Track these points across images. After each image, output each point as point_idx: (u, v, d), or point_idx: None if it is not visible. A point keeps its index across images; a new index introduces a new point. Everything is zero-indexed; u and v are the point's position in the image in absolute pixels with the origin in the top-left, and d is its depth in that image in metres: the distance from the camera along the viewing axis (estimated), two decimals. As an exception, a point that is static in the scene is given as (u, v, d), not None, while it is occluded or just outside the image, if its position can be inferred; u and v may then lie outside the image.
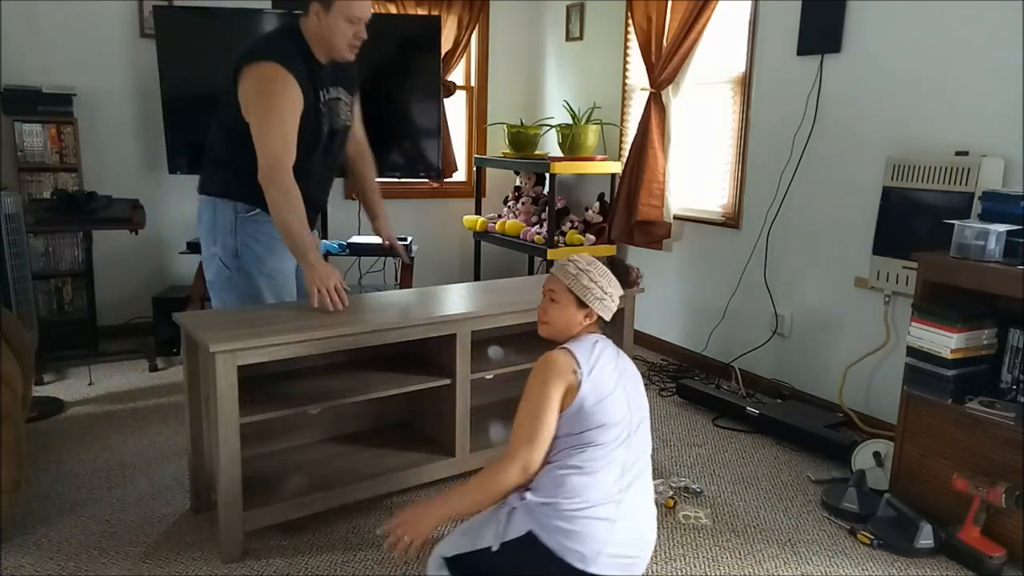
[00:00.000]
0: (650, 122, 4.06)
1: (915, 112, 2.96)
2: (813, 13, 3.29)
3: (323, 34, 2.36)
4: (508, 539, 1.74)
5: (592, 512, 1.75)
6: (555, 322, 1.93)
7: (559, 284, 1.92)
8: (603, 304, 1.91)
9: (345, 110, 2.53)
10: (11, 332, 2.47)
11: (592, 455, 1.80)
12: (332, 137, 2.50)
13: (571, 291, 1.91)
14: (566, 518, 1.74)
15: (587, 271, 1.92)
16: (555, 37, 5.05)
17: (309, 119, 2.35)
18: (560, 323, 1.93)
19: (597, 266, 1.94)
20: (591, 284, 1.90)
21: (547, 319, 1.94)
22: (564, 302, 1.92)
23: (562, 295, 1.92)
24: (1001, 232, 2.32)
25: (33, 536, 2.29)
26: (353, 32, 2.37)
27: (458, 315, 2.46)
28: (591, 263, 1.95)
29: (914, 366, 2.46)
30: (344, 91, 2.52)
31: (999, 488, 2.19)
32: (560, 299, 1.92)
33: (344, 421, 2.71)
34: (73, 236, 3.93)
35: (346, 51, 2.40)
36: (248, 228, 2.45)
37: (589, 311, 1.91)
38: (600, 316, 1.92)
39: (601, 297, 1.90)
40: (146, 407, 3.34)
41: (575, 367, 1.81)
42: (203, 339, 2.04)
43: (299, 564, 2.18)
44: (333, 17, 2.33)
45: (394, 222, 4.80)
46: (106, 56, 4.07)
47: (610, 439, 1.81)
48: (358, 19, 2.36)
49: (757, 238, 3.66)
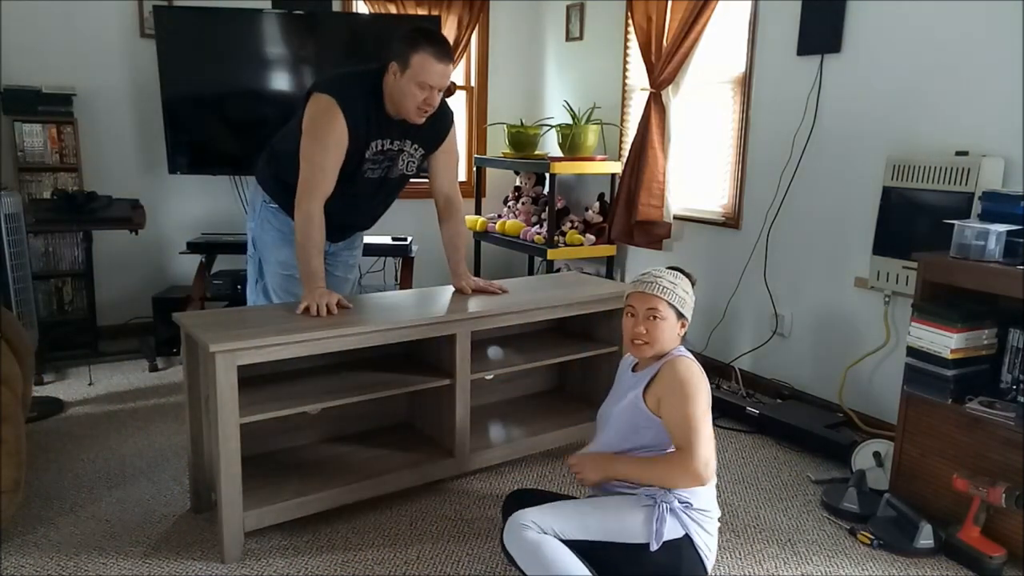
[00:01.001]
0: (650, 122, 4.06)
1: (915, 112, 2.96)
2: (813, 13, 3.29)
3: (394, 93, 2.37)
4: (666, 539, 1.83)
5: (716, 523, 1.94)
6: (663, 339, 1.95)
7: (659, 302, 1.94)
8: (690, 310, 1.99)
9: (407, 161, 2.57)
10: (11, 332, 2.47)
11: None
12: (382, 184, 2.57)
13: (672, 305, 1.95)
14: (710, 526, 1.91)
15: (676, 283, 1.97)
16: (555, 37, 5.05)
17: (351, 162, 2.41)
18: (667, 340, 1.96)
19: (681, 277, 2.00)
20: (684, 294, 1.97)
21: (653, 338, 1.95)
22: (670, 318, 1.95)
23: (666, 311, 1.95)
24: (1001, 232, 2.32)
25: (33, 536, 2.29)
26: (424, 98, 2.34)
27: (458, 315, 2.45)
28: (677, 276, 2.00)
29: (914, 366, 2.46)
30: (414, 144, 2.54)
31: (999, 488, 2.19)
32: (666, 315, 1.95)
33: (344, 421, 2.71)
34: (73, 236, 3.93)
35: (414, 114, 2.39)
36: (267, 215, 2.62)
37: (684, 320, 1.98)
38: None
39: (690, 306, 1.99)
40: (146, 407, 3.34)
41: None
42: (203, 339, 2.04)
43: (299, 564, 2.18)
44: (406, 80, 2.32)
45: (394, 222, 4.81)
46: (106, 56, 4.07)
47: None
48: (430, 87, 2.33)
49: (757, 238, 3.66)
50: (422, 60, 2.29)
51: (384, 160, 2.51)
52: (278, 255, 2.61)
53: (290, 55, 4.16)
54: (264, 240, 2.64)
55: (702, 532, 1.89)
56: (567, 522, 1.86)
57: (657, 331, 1.94)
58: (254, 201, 2.68)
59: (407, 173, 2.62)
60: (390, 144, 2.48)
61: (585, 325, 3.01)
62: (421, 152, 2.59)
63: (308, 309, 2.30)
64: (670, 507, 1.85)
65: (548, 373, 3.20)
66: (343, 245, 2.81)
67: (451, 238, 2.74)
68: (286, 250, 2.56)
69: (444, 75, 2.34)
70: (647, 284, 1.95)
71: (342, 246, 2.80)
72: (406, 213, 4.96)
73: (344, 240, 2.79)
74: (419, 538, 2.33)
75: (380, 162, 2.50)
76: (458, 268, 2.75)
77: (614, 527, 1.85)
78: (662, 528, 1.82)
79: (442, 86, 2.36)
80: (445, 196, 2.71)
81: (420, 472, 2.51)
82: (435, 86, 2.33)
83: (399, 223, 4.87)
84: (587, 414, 2.94)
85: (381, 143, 2.46)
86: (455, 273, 2.75)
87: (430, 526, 2.41)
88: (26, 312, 3.17)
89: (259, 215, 2.64)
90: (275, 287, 2.64)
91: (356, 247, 2.89)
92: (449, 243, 2.75)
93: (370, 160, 2.47)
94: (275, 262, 2.62)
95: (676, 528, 1.85)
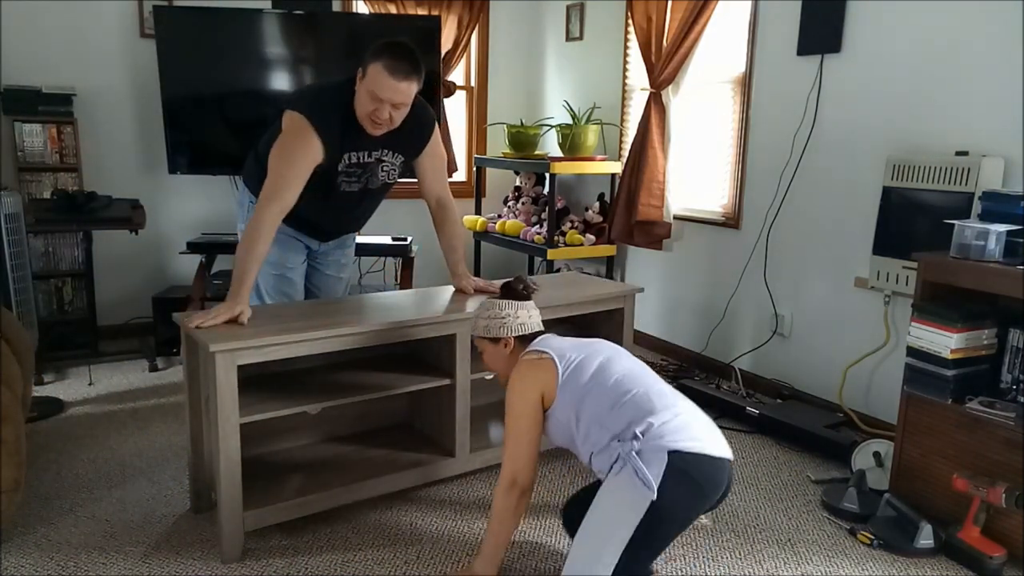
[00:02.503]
0: (650, 122, 4.06)
1: (915, 112, 2.96)
2: (813, 13, 3.29)
3: (356, 101, 2.33)
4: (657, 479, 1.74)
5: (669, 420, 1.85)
6: (495, 367, 2.15)
7: (474, 340, 2.16)
8: (507, 326, 2.07)
9: (389, 170, 2.56)
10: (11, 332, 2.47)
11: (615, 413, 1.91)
12: (364, 194, 2.58)
13: (481, 338, 2.11)
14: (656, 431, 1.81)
15: (480, 315, 2.12)
16: (555, 37, 5.06)
17: (325, 176, 2.41)
18: (499, 365, 2.14)
19: (484, 304, 2.13)
20: (488, 323, 2.08)
21: (492, 371, 2.17)
22: (486, 348, 2.12)
23: (481, 344, 2.13)
24: (1001, 232, 2.32)
25: (33, 536, 2.29)
26: (374, 109, 2.28)
27: (458, 315, 2.46)
28: (481, 305, 2.14)
29: (914, 366, 2.46)
30: (393, 153, 2.51)
31: (999, 488, 2.19)
32: (483, 347, 2.13)
33: (344, 421, 2.71)
34: (73, 236, 3.93)
35: (368, 125, 2.33)
36: None
37: (504, 339, 2.08)
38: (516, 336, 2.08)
39: (501, 324, 2.07)
40: (146, 407, 3.34)
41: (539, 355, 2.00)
42: (203, 339, 2.04)
43: (299, 564, 2.18)
44: (362, 87, 2.29)
45: (394, 222, 4.84)
46: (106, 56, 4.07)
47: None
48: (380, 100, 2.26)
49: (757, 238, 3.66)
50: (375, 71, 2.23)
51: (361, 172, 2.48)
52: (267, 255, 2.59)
53: (290, 55, 4.16)
54: None
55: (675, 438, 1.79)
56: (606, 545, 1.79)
57: (489, 366, 2.15)
58: (242, 202, 2.69)
59: (389, 181, 2.61)
60: (367, 157, 2.45)
61: (585, 325, 3.01)
62: (402, 159, 2.56)
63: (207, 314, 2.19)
64: (635, 452, 1.78)
65: (548, 373, 3.20)
66: (333, 245, 2.80)
67: (448, 239, 2.73)
68: (275, 250, 2.53)
69: (396, 91, 2.26)
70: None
71: (332, 246, 2.80)
72: (406, 213, 4.98)
73: (333, 240, 2.79)
74: (419, 538, 2.34)
75: (356, 175, 2.48)
76: (457, 268, 2.74)
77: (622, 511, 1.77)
78: (647, 475, 1.74)
79: (393, 101, 2.27)
80: (437, 198, 2.70)
81: (420, 472, 2.51)
82: (386, 100, 2.26)
83: (399, 223, 4.88)
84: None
85: (356, 155, 2.42)
86: (455, 273, 2.75)
87: (430, 526, 2.41)
88: (26, 312, 3.17)
89: (246, 215, 2.63)
90: (267, 288, 2.64)
91: (348, 247, 2.88)
92: (447, 245, 2.74)
93: (344, 173, 2.44)
94: (265, 263, 2.56)
95: (658, 457, 1.76)
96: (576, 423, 1.93)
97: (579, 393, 1.93)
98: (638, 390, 1.90)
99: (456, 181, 5.21)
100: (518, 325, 2.07)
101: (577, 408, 1.92)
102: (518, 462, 1.94)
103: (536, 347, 2.03)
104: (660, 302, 4.32)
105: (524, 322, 2.08)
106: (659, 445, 1.78)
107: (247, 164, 2.69)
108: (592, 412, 1.90)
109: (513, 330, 2.07)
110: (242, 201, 2.70)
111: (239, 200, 2.74)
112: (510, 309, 2.08)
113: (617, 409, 1.87)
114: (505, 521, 1.96)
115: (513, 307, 2.08)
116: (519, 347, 2.08)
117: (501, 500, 1.95)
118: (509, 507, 1.95)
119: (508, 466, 1.95)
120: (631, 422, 1.84)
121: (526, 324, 2.08)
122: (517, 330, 2.07)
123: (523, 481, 1.94)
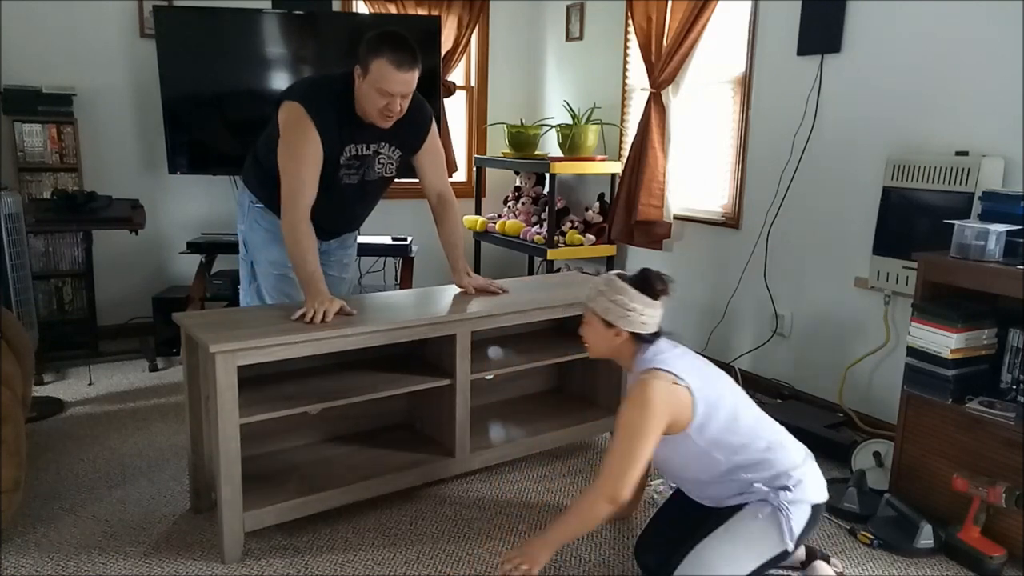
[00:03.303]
0: (650, 122, 4.06)
1: (915, 112, 2.96)
2: (813, 13, 3.29)
3: (359, 98, 2.35)
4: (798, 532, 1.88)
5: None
6: (592, 344, 2.05)
7: (585, 307, 2.02)
8: (628, 320, 1.96)
9: (386, 164, 2.56)
10: (11, 332, 2.47)
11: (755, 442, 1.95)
12: (362, 188, 2.56)
13: (595, 312, 2.00)
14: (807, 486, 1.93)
15: (604, 292, 1.98)
16: (555, 37, 5.05)
17: (328, 169, 2.40)
18: (598, 346, 2.04)
19: (614, 284, 1.98)
20: (609, 305, 1.96)
21: (585, 342, 2.06)
22: (593, 323, 2.02)
23: (589, 316, 2.02)
24: (1001, 232, 2.32)
25: (33, 536, 2.29)
26: (385, 103, 2.31)
27: (458, 315, 2.45)
28: (609, 282, 1.99)
29: (914, 366, 2.46)
30: (391, 146, 2.52)
31: (999, 488, 2.19)
32: (589, 320, 2.02)
33: (344, 421, 2.71)
34: (73, 236, 3.92)
35: (378, 119, 2.37)
36: (256, 216, 2.62)
37: (617, 329, 1.97)
38: (633, 331, 1.97)
39: (624, 315, 1.96)
40: (146, 407, 3.34)
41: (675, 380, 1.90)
42: (203, 339, 2.04)
43: (299, 564, 2.18)
44: (367, 85, 2.30)
45: (394, 222, 4.84)
46: (106, 56, 4.07)
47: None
48: (390, 94, 2.29)
49: (757, 238, 3.66)
50: (380, 67, 2.25)
51: (359, 165, 2.49)
52: (268, 254, 2.61)
53: (290, 55, 4.16)
54: (254, 240, 2.64)
55: (816, 491, 1.94)
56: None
57: (586, 333, 2.05)
58: (242, 202, 2.68)
59: (386, 175, 2.60)
60: (364, 149, 2.47)
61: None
62: (399, 154, 2.57)
63: (304, 316, 2.25)
64: (788, 502, 1.88)
65: (548, 373, 3.20)
66: (336, 244, 2.80)
67: (448, 235, 2.73)
68: (276, 249, 2.55)
69: (403, 83, 2.29)
70: (587, 289, 2.03)
71: (335, 245, 2.80)
72: (406, 213, 4.98)
73: (336, 239, 2.79)
74: (419, 538, 2.34)
75: (355, 167, 2.49)
76: (458, 264, 2.74)
77: (752, 551, 1.88)
78: (792, 526, 1.87)
79: (403, 93, 2.31)
80: (438, 193, 2.70)
81: (420, 472, 2.51)
82: (395, 93, 2.29)
83: (399, 223, 4.88)
84: (587, 414, 2.95)
85: (355, 148, 2.44)
86: (456, 269, 2.74)
87: (430, 526, 2.41)
88: (26, 312, 3.17)
89: (247, 216, 2.64)
90: (268, 288, 2.64)
91: (349, 246, 2.88)
92: (447, 241, 2.73)
93: (345, 166, 2.46)
94: (266, 262, 2.62)
95: (802, 510, 1.89)
96: (699, 460, 1.93)
97: (713, 435, 1.91)
98: (777, 438, 1.96)
99: (456, 181, 5.21)
100: (640, 323, 1.96)
101: (708, 448, 1.91)
102: (625, 481, 1.85)
103: (663, 365, 1.92)
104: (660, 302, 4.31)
105: (646, 322, 1.97)
106: (805, 499, 1.90)
107: (246, 165, 2.69)
108: (727, 456, 1.91)
109: (634, 326, 1.96)
110: (242, 201, 2.70)
111: (239, 200, 2.74)
112: (639, 304, 1.95)
113: (759, 454, 1.92)
114: (587, 525, 1.94)
115: (642, 303, 1.96)
116: (631, 343, 1.99)
117: (592, 507, 1.87)
118: (598, 517, 1.90)
119: (612, 483, 1.85)
120: (778, 474, 1.91)
121: (647, 324, 1.98)
122: (637, 327, 1.96)
123: (623, 500, 1.87)
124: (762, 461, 1.93)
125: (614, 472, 1.86)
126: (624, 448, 1.85)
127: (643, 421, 1.84)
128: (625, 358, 2.03)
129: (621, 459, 1.86)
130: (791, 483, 1.90)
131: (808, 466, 1.97)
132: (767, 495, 1.89)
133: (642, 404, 1.85)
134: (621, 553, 2.29)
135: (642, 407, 1.85)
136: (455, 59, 4.88)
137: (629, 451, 1.85)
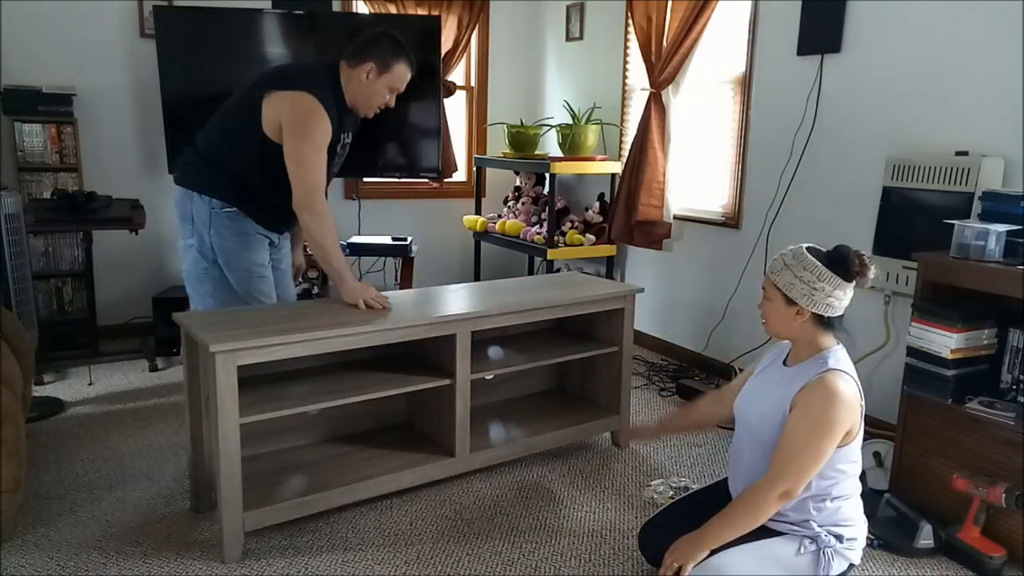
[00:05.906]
0: (650, 122, 4.06)
1: (915, 112, 2.96)
2: (813, 13, 3.29)
3: (363, 91, 2.50)
4: None
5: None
6: (771, 323, 1.90)
7: (768, 280, 1.87)
8: (813, 300, 1.80)
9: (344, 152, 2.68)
10: (11, 332, 2.47)
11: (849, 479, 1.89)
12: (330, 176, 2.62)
13: (777, 287, 1.84)
14: (856, 547, 1.91)
15: (791, 265, 1.82)
16: (555, 37, 5.05)
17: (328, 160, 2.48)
18: (777, 324, 1.88)
19: (803, 258, 1.82)
20: (795, 281, 1.81)
21: (764, 317, 1.92)
22: (774, 299, 1.86)
23: (771, 292, 1.87)
24: (1001, 232, 2.32)
25: (33, 536, 2.29)
26: (387, 99, 2.56)
27: (458, 315, 2.46)
28: (798, 255, 1.83)
29: (914, 366, 2.46)
30: (351, 134, 2.68)
31: (999, 488, 2.19)
32: (771, 296, 1.87)
33: (344, 421, 2.71)
34: (73, 236, 3.92)
35: (369, 111, 2.57)
36: (223, 223, 2.50)
37: (800, 308, 1.82)
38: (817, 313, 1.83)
39: (809, 293, 1.80)
40: (146, 407, 3.34)
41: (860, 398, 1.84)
42: (203, 339, 2.04)
43: (299, 564, 2.18)
44: (382, 82, 2.50)
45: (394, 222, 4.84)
46: (106, 56, 4.07)
47: None
48: (396, 91, 2.55)
49: (757, 238, 3.66)
50: (403, 71, 2.52)
51: (343, 154, 2.63)
52: (248, 258, 2.54)
53: (290, 55, 4.15)
54: (227, 248, 2.51)
55: (858, 552, 1.92)
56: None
57: (765, 309, 1.89)
58: (200, 213, 2.49)
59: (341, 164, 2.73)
60: (347, 138, 2.62)
61: (585, 325, 3.01)
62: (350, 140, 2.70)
63: (366, 304, 2.40)
64: (835, 550, 1.85)
65: (548, 373, 3.20)
66: (285, 237, 2.80)
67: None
68: (254, 250, 2.54)
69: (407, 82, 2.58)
70: (772, 261, 1.87)
71: (284, 238, 2.80)
72: (406, 213, 4.98)
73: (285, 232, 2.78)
74: (419, 538, 2.34)
75: (341, 156, 2.62)
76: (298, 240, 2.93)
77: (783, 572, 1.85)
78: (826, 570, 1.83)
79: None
80: None
81: (420, 472, 2.51)
82: (401, 91, 2.56)
83: (399, 223, 4.89)
84: (587, 414, 2.95)
85: (346, 137, 2.59)
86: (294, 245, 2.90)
87: (430, 526, 2.41)
88: (26, 312, 3.17)
89: (211, 224, 2.48)
90: (246, 293, 2.56)
91: (287, 238, 2.86)
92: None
93: (339, 155, 2.59)
94: (243, 267, 2.54)
95: (841, 564, 1.86)
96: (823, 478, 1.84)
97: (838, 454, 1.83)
98: (858, 487, 1.93)
99: (456, 181, 5.22)
100: (826, 305, 1.81)
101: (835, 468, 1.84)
102: (804, 477, 1.76)
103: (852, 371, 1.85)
104: (660, 302, 4.32)
105: (833, 304, 1.82)
106: (849, 558, 1.89)
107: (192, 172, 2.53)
108: (817, 480, 1.82)
109: (819, 307, 1.81)
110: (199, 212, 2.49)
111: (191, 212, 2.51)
112: (829, 285, 1.79)
113: (841, 490, 1.86)
114: (756, 521, 1.81)
115: (833, 284, 1.80)
116: (811, 325, 1.85)
117: (765, 503, 1.78)
118: (769, 513, 1.80)
119: (792, 477, 1.76)
120: (838, 521, 1.88)
121: (833, 307, 1.82)
122: (822, 309, 1.81)
123: (796, 497, 1.79)
124: (838, 498, 1.86)
125: (795, 466, 1.75)
126: (810, 442, 1.74)
127: (836, 420, 1.75)
128: (803, 342, 1.88)
129: (803, 453, 1.74)
130: (846, 536, 1.87)
131: (864, 529, 1.93)
132: (818, 535, 1.84)
133: (839, 403, 1.75)
134: (622, 553, 2.29)
135: (838, 406, 1.75)
136: (455, 59, 4.88)
137: (816, 446, 1.74)
